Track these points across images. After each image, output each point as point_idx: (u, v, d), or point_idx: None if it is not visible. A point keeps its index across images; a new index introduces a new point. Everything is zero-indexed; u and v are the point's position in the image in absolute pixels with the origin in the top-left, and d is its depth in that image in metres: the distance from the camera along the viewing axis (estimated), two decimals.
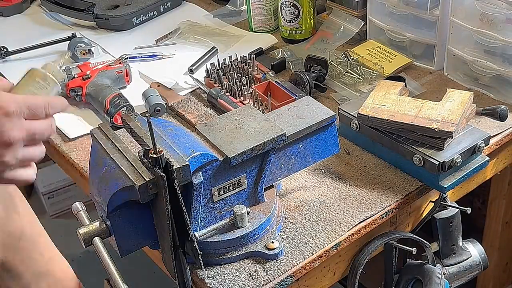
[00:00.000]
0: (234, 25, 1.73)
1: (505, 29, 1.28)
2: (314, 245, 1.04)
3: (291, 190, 1.16)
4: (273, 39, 1.62)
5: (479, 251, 1.29)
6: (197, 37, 1.66)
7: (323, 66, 1.43)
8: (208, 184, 0.98)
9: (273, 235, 1.04)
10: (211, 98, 1.38)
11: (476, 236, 1.37)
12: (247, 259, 1.03)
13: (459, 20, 1.35)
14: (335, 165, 1.21)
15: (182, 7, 1.84)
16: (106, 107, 1.34)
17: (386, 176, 1.18)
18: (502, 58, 1.32)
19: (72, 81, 1.42)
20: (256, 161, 1.02)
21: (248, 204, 1.04)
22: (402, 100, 1.19)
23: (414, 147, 1.14)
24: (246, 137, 1.01)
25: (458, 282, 1.28)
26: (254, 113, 1.07)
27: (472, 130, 1.17)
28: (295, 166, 1.08)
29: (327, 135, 1.08)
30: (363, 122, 1.20)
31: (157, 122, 1.01)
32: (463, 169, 1.16)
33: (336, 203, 1.12)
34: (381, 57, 1.49)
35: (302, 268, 1.02)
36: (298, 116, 1.07)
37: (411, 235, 1.17)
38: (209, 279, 1.00)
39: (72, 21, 1.77)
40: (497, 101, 1.35)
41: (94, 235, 0.95)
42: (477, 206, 1.89)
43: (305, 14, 1.58)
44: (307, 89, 1.36)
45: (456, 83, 1.41)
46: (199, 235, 0.97)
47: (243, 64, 1.47)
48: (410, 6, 1.42)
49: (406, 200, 1.14)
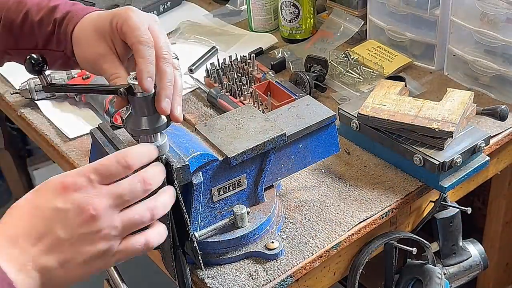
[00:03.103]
0: (234, 24, 1.73)
1: (505, 28, 1.28)
2: (314, 245, 1.04)
3: (291, 190, 1.16)
4: (273, 39, 1.62)
5: (479, 251, 1.29)
6: (197, 36, 1.66)
7: (323, 66, 1.43)
8: (208, 184, 0.98)
9: (273, 235, 1.04)
10: (211, 98, 1.38)
11: (476, 236, 1.37)
12: (247, 259, 1.02)
13: (459, 20, 1.35)
14: (335, 165, 1.21)
15: (182, 7, 1.83)
16: (106, 107, 1.34)
17: (386, 176, 1.18)
18: (503, 58, 1.32)
19: (72, 80, 1.42)
20: (256, 161, 1.02)
21: (248, 204, 1.04)
22: (402, 100, 1.19)
23: (414, 147, 1.14)
24: (246, 137, 1.01)
25: (458, 282, 1.28)
26: (254, 113, 1.06)
27: (472, 130, 1.17)
28: (295, 166, 1.07)
29: (327, 135, 1.08)
30: (363, 122, 1.20)
31: None
32: (463, 169, 1.15)
33: (336, 203, 1.12)
34: (381, 57, 1.49)
35: (302, 268, 1.02)
36: (298, 116, 1.07)
37: (411, 235, 1.17)
38: (209, 279, 0.99)
39: None
40: (497, 101, 1.35)
41: None
42: (477, 206, 1.89)
43: (305, 14, 1.58)
44: (307, 89, 1.36)
45: (456, 83, 1.41)
46: (199, 235, 0.97)
47: (243, 64, 1.46)
48: (410, 6, 1.42)
49: (406, 200, 1.14)
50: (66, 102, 1.45)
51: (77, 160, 1.28)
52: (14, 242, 0.70)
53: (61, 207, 0.70)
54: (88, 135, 1.32)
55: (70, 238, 0.70)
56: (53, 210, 0.70)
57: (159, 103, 0.81)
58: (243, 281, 0.99)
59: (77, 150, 1.31)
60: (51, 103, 1.44)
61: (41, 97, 1.44)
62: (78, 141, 1.34)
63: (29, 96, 1.43)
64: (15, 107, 1.46)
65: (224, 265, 1.02)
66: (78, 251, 0.71)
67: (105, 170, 0.72)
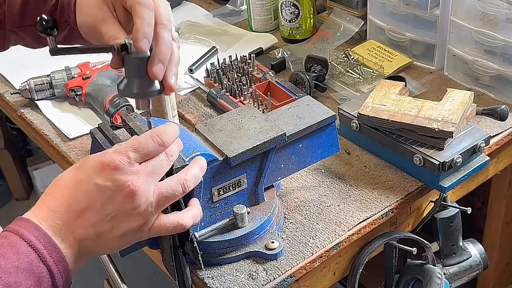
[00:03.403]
0: (234, 24, 1.73)
1: (505, 28, 1.28)
2: (314, 245, 1.04)
3: (291, 190, 1.16)
4: (273, 39, 1.62)
5: (480, 251, 1.29)
6: (197, 36, 1.66)
7: (323, 66, 1.43)
8: (208, 184, 0.98)
9: (273, 235, 1.04)
10: (211, 98, 1.38)
11: (476, 236, 1.37)
12: (247, 259, 1.02)
13: (459, 20, 1.35)
14: (335, 165, 1.21)
15: (182, 7, 1.83)
16: (106, 107, 1.34)
17: (386, 176, 1.18)
18: (503, 58, 1.32)
19: (72, 80, 1.42)
20: (256, 161, 1.02)
21: (248, 204, 1.04)
22: (402, 100, 1.19)
23: (414, 147, 1.14)
24: (246, 137, 1.01)
25: (459, 282, 1.28)
26: (254, 113, 1.06)
27: (472, 130, 1.17)
28: (295, 166, 1.07)
29: (327, 135, 1.08)
30: (363, 122, 1.20)
31: (157, 122, 1.01)
32: (463, 169, 1.15)
33: (336, 203, 1.12)
34: (381, 57, 1.49)
35: (302, 268, 1.02)
36: (298, 116, 1.07)
37: (411, 235, 1.17)
38: (209, 279, 0.99)
39: None
40: (497, 101, 1.35)
41: None
42: (477, 206, 1.89)
43: (305, 14, 1.58)
44: (307, 89, 1.36)
45: (456, 83, 1.41)
46: (199, 235, 0.97)
47: (243, 64, 1.46)
48: (410, 5, 1.42)
49: (406, 200, 1.14)
50: (66, 102, 1.45)
51: (77, 160, 1.28)
52: (58, 215, 0.75)
53: (101, 184, 0.75)
54: (88, 135, 1.32)
55: (110, 214, 0.75)
56: (94, 186, 0.75)
57: (151, 65, 0.82)
58: (243, 281, 0.99)
59: (77, 150, 1.31)
60: (51, 103, 1.44)
61: (41, 97, 1.44)
62: (78, 141, 1.34)
63: (29, 96, 1.43)
64: (15, 107, 1.46)
65: (224, 265, 1.02)
66: (117, 226, 0.76)
67: (143, 149, 0.77)
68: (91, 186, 0.75)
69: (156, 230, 0.80)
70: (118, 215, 0.76)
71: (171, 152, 0.81)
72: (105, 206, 0.75)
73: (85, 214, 0.75)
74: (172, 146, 0.81)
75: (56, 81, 1.43)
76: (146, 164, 0.77)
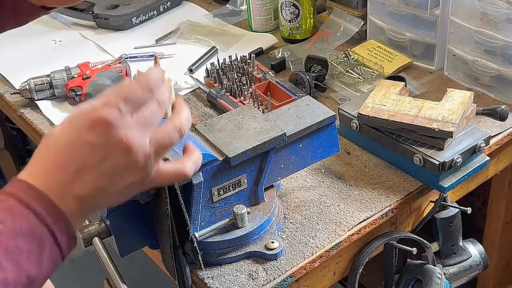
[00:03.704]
0: (234, 25, 1.73)
1: (505, 28, 1.28)
2: (314, 245, 1.04)
3: (291, 190, 1.16)
4: (273, 39, 1.62)
5: (480, 251, 1.29)
6: (197, 36, 1.66)
7: (323, 66, 1.43)
8: (208, 184, 0.98)
9: (273, 235, 1.04)
10: (211, 98, 1.38)
11: (476, 236, 1.37)
12: (247, 259, 1.02)
13: (459, 20, 1.35)
14: (335, 165, 1.21)
15: (182, 7, 1.83)
16: None
17: (386, 176, 1.18)
18: (503, 58, 1.32)
19: (72, 80, 1.42)
20: (256, 161, 1.02)
21: (248, 204, 1.04)
22: (402, 100, 1.19)
23: (414, 147, 1.14)
24: (246, 137, 1.01)
25: (459, 282, 1.28)
26: (254, 113, 1.06)
27: (472, 130, 1.17)
28: (295, 166, 1.07)
29: (327, 135, 1.08)
30: (363, 122, 1.20)
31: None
32: (463, 169, 1.15)
33: (336, 203, 1.12)
34: (381, 57, 1.49)
35: (302, 268, 1.02)
36: (298, 116, 1.07)
37: (411, 235, 1.17)
38: (209, 279, 0.99)
39: (72, 20, 1.77)
40: (497, 101, 1.35)
41: (93, 235, 0.95)
42: (477, 206, 1.89)
43: (305, 14, 1.58)
44: (307, 89, 1.36)
45: (456, 83, 1.41)
46: (199, 235, 0.97)
47: (243, 64, 1.46)
48: (410, 5, 1.42)
49: (406, 200, 1.14)
50: (66, 102, 1.45)
51: None
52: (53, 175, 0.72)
53: (95, 142, 0.71)
54: None
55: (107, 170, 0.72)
56: (88, 146, 0.71)
57: None
58: (243, 281, 0.99)
59: None
60: (51, 103, 1.44)
61: (41, 97, 1.44)
62: None
63: (29, 96, 1.43)
64: (15, 107, 1.46)
65: (224, 265, 1.02)
66: (116, 181, 0.73)
67: (133, 98, 0.72)
68: (84, 145, 0.72)
69: (157, 180, 0.77)
70: (116, 171, 0.73)
71: (162, 98, 0.76)
72: (102, 163, 0.72)
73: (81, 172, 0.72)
74: (161, 91, 0.76)
75: (56, 81, 1.43)
76: (138, 116, 0.73)
